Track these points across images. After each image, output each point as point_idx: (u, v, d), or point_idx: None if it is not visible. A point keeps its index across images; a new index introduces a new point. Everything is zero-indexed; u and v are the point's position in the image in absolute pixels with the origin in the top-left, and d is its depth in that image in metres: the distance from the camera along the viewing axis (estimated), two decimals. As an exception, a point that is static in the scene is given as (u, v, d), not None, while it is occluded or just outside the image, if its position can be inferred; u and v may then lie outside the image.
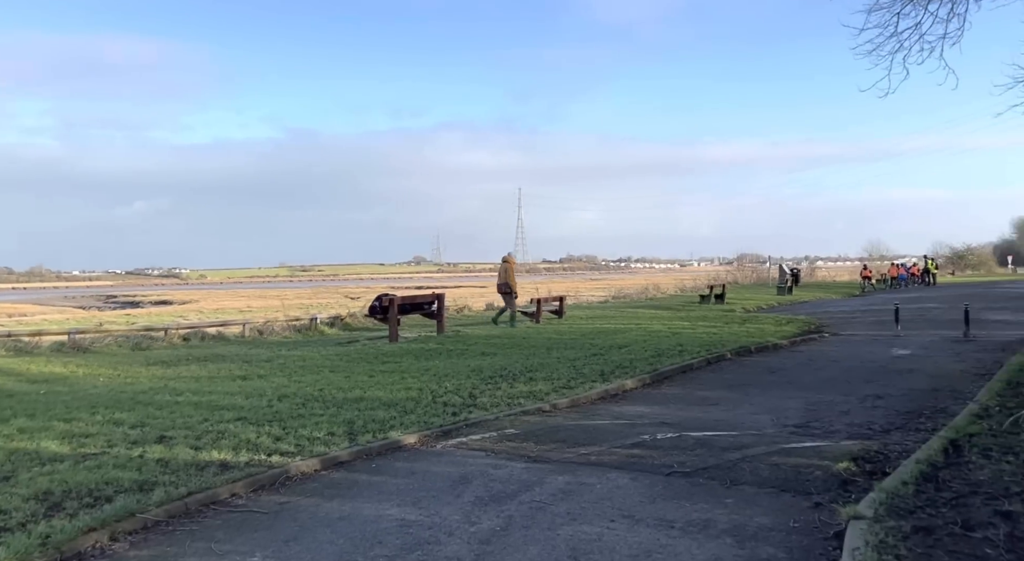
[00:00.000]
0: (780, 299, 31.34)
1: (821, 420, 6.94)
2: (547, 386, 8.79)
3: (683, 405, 7.89)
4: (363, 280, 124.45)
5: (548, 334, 15.19)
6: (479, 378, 9.54)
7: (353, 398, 8.19)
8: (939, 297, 27.62)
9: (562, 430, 6.49)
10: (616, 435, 6.26)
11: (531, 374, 9.74)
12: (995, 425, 6.02)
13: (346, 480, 5.15)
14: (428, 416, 7.11)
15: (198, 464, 5.26)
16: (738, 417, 7.17)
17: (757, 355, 11.83)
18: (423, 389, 8.74)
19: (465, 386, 8.94)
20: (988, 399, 7.07)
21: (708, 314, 20.81)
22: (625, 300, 31.82)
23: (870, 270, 42.27)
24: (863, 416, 7.05)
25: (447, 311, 22.00)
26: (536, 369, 10.16)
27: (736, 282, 44.25)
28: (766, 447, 5.67)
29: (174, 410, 7.49)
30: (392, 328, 13.92)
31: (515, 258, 18.99)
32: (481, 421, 6.90)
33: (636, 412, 7.53)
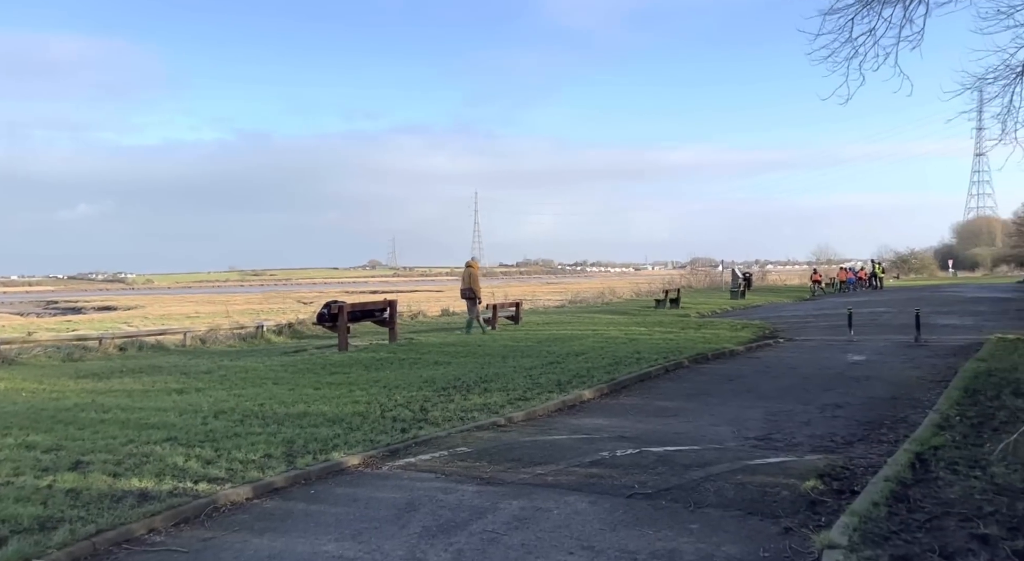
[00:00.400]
0: (733, 303, 31.61)
1: (783, 431, 6.74)
2: (502, 398, 8.44)
3: (642, 416, 7.62)
4: (316, 284, 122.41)
5: (504, 341, 14.85)
6: (431, 390, 9.14)
7: (296, 414, 7.71)
8: (887, 301, 28.16)
9: (517, 447, 6.14)
10: (574, 452, 5.94)
11: (486, 385, 9.38)
12: (958, 436, 5.89)
13: (280, 510, 4.71)
14: (375, 433, 6.69)
15: (114, 495, 4.75)
16: (698, 429, 6.93)
17: (714, 362, 11.68)
18: (372, 403, 8.31)
19: (416, 399, 8.54)
20: (948, 408, 6.97)
21: (664, 319, 20.74)
22: (582, 305, 31.70)
23: (820, 274, 43.04)
24: (824, 427, 6.88)
25: (401, 317, 21.51)
26: (491, 379, 9.80)
27: (690, 286, 44.60)
28: (729, 464, 5.41)
29: (97, 430, 6.91)
30: (341, 336, 13.40)
31: (479, 263, 18.62)
32: (432, 439, 6.51)
33: (594, 425, 7.23)
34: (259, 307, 53.39)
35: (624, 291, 39.37)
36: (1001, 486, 4.54)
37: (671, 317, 22.35)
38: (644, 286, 43.29)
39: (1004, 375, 8.74)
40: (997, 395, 7.58)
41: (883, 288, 43.51)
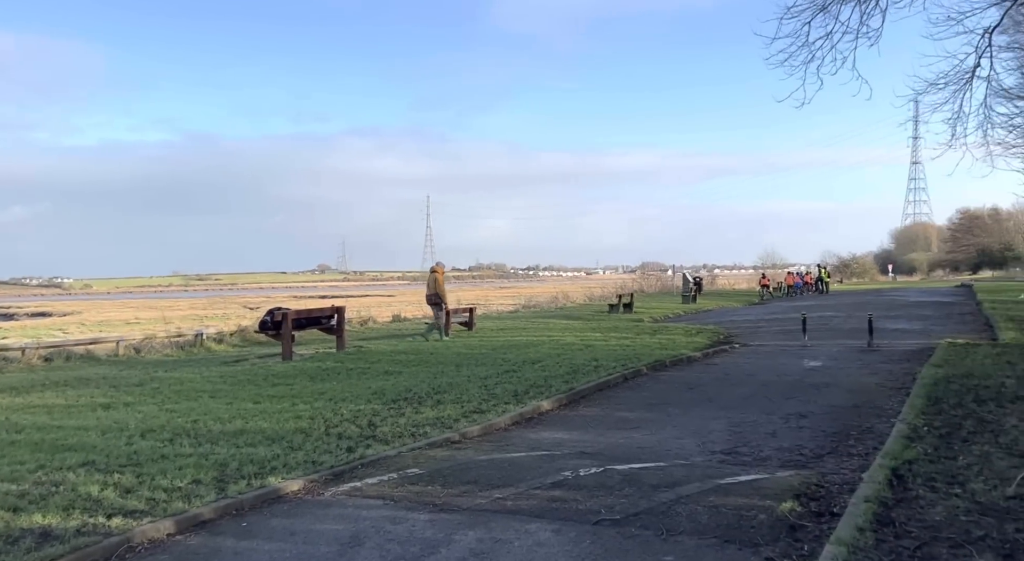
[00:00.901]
0: (685, 308, 31.74)
1: (749, 444, 6.46)
2: (456, 411, 7.99)
3: (603, 429, 7.27)
4: (263, 289, 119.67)
5: (458, 348, 14.38)
6: (381, 402, 8.63)
7: (232, 431, 7.12)
8: (835, 305, 28.60)
9: (473, 467, 5.71)
10: (534, 472, 5.53)
11: (439, 396, 8.92)
12: (929, 449, 5.68)
13: (206, 548, 4.18)
14: (318, 453, 6.17)
15: (10, 535, 4.15)
16: (662, 442, 6.61)
17: (673, 369, 11.44)
18: (316, 418, 7.76)
19: (364, 413, 8.02)
20: (914, 418, 6.80)
21: (619, 324, 20.56)
22: (536, 309, 31.42)
23: (768, 279, 43.71)
24: (791, 438, 6.64)
25: (350, 324, 20.83)
26: (444, 390, 9.34)
27: (642, 291, 44.81)
28: (699, 483, 5.08)
29: (4, 454, 6.22)
30: (285, 345, 12.74)
31: (444, 267, 18.06)
32: (380, 459, 6.02)
33: (554, 439, 6.84)
34: (203, 312, 51.73)
35: (578, 296, 39.28)
36: (985, 505, 4.31)
37: (625, 322, 22.20)
38: (597, 291, 43.31)
39: (962, 381, 8.68)
40: (960, 403, 7.47)
41: (829, 292, 44.46)
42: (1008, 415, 6.84)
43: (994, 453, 5.50)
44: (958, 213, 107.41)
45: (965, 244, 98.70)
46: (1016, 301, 24.68)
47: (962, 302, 27.84)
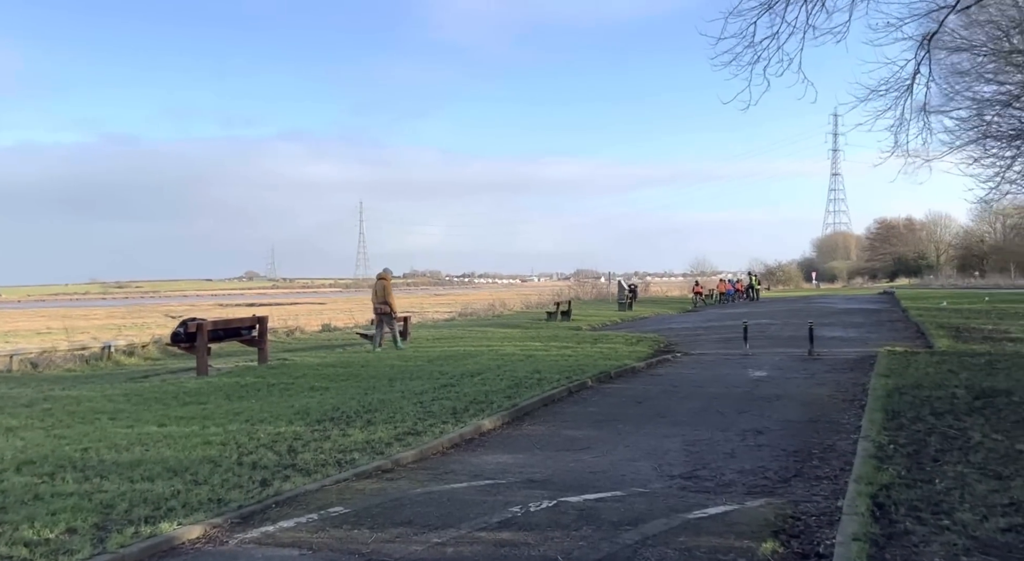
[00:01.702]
0: (622, 315, 31.62)
1: (708, 466, 5.96)
2: (389, 432, 7.24)
3: (551, 451, 6.66)
4: (188, 297, 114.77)
5: (391, 360, 13.56)
6: (304, 423, 7.79)
7: (128, 462, 6.19)
8: (768, 312, 28.92)
9: (408, 504, 4.98)
10: (478, 508, 4.85)
11: (370, 415, 8.14)
12: (902, 471, 5.28)
13: (68, 626, 3.34)
14: (227, 488, 5.34)
15: None
16: (616, 466, 6.04)
17: (618, 381, 10.95)
18: (228, 443, 6.88)
19: (285, 436, 7.18)
20: (877, 435, 6.44)
21: (559, 333, 20.08)
22: (472, 318, 30.71)
23: (701, 286, 44.24)
24: (751, 459, 6.17)
25: (275, 334, 19.68)
26: (376, 408, 8.56)
27: (578, 298, 44.67)
28: (665, 519, 4.50)
29: None
30: (200, 359, 11.67)
31: (391, 274, 17.07)
32: (299, 495, 5.23)
33: (499, 465, 6.18)
34: (122, 322, 48.97)
35: (514, 303, 38.77)
36: (982, 541, 3.87)
37: (565, 330, 21.75)
38: (534, 298, 42.96)
39: (914, 393, 8.46)
40: (918, 416, 7.18)
41: (759, 299, 45.34)
42: (969, 429, 6.55)
43: (969, 474, 5.14)
44: (875, 223, 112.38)
45: (882, 253, 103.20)
46: (939, 308, 25.43)
47: (888, 309, 28.58)
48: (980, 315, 21.77)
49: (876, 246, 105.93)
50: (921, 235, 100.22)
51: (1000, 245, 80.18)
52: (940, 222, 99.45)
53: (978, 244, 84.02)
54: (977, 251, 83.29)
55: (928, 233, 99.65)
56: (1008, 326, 17.87)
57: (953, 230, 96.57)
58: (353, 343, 18.18)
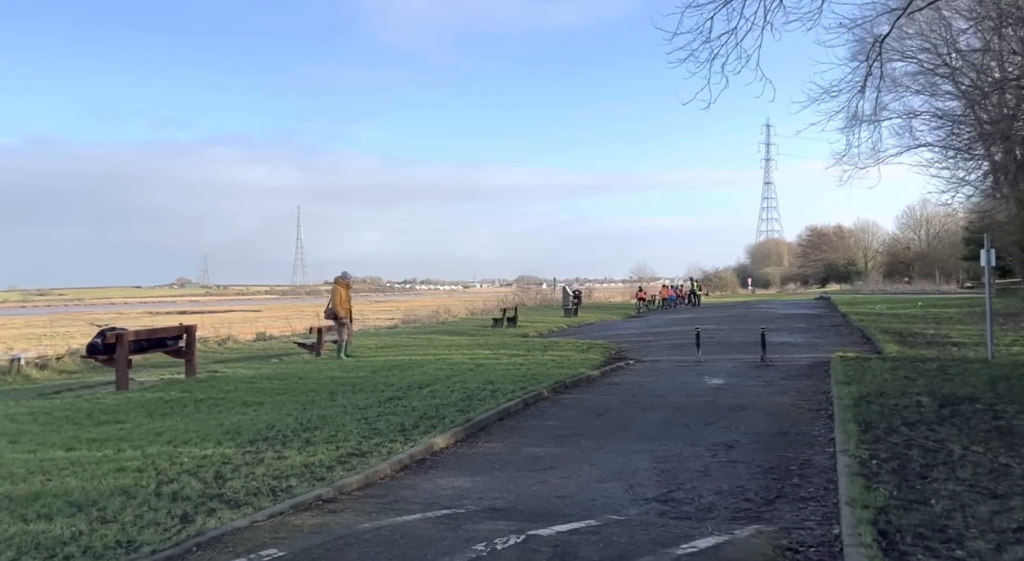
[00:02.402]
0: (568, 321, 31.33)
1: (684, 487, 5.49)
2: (330, 454, 6.53)
3: (512, 472, 6.08)
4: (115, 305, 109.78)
5: (332, 371, 12.76)
6: (234, 444, 7.01)
7: (24, 495, 5.34)
8: (713, 318, 29.04)
9: (355, 543, 4.32)
10: (436, 546, 4.23)
11: (309, 434, 7.40)
12: (893, 490, 4.90)
13: None
14: (140, 526, 4.58)
15: None
16: (585, 488, 5.50)
17: (575, 391, 10.45)
18: (146, 470, 6.08)
19: (212, 460, 6.40)
20: (855, 448, 6.09)
21: (507, 340, 19.54)
22: (416, 325, 29.92)
23: (645, 292, 44.45)
24: (728, 478, 5.72)
25: (205, 344, 18.55)
26: (316, 425, 7.82)
27: (523, 304, 44.29)
28: (652, 557, 3.98)
29: None
30: (120, 372, 10.65)
31: (348, 279, 16.07)
32: (226, 534, 4.51)
33: (456, 490, 5.57)
34: (42, 331, 46.22)
35: (459, 310, 38.09)
36: (1006, 574, 3.47)
37: (512, 337, 21.24)
38: (479, 304, 42.37)
39: (880, 401, 8.21)
40: (891, 427, 6.88)
41: (700, 305, 45.85)
42: (947, 441, 6.27)
43: (964, 494, 4.79)
44: (807, 230, 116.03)
45: (814, 259, 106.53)
46: (877, 313, 25.94)
47: (828, 314, 29.08)
48: (918, 320, 22.22)
49: (808, 253, 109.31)
50: (850, 242, 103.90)
51: (925, 252, 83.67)
52: (868, 229, 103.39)
53: (904, 251, 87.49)
54: (904, 258, 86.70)
55: (857, 240, 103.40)
56: (947, 330, 18.19)
57: (880, 237, 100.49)
58: (291, 353, 17.24)
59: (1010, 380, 9.69)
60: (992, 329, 12.48)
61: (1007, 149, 34.96)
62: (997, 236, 42.58)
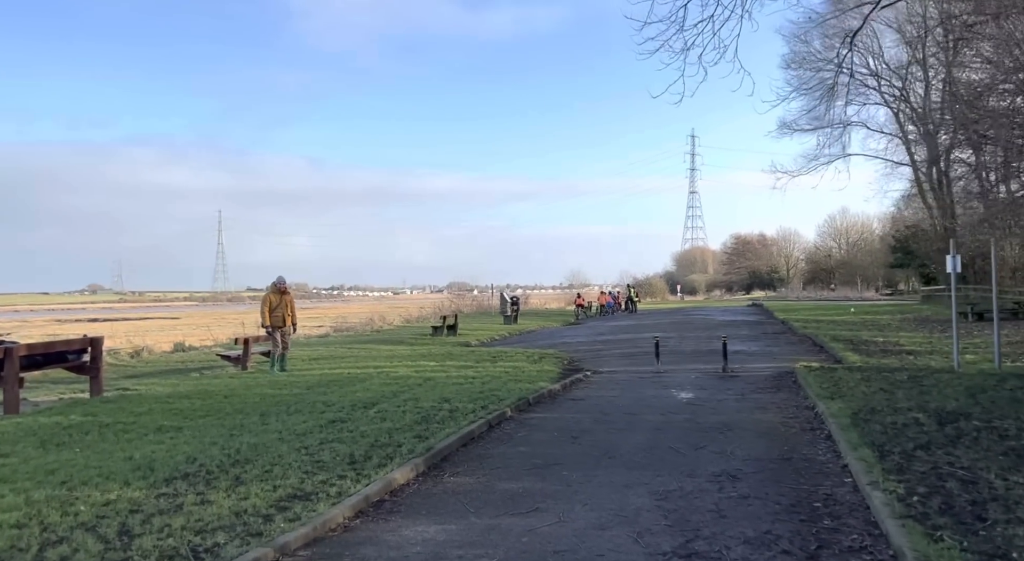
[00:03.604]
0: (509, 329, 30.45)
1: (703, 536, 4.60)
2: (266, 496, 5.37)
3: (491, 516, 5.07)
4: (19, 311, 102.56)
5: (262, 387, 11.43)
6: (146, 485, 5.75)
7: None
8: (655, 325, 28.66)
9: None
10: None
11: (239, 469, 6.19)
12: (962, 541, 4.13)
13: None
14: (7, 623, 3.35)
15: None
16: (585, 540, 4.55)
17: (539, 409, 9.50)
18: (29, 523, 4.79)
19: (117, 507, 5.14)
20: (883, 481, 5.34)
21: (451, 350, 18.44)
22: (349, 334, 28.44)
23: (583, 298, 44.01)
24: (748, 520, 4.87)
25: (115, 356, 16.75)
26: (247, 457, 6.60)
27: (460, 311, 43.20)
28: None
29: None
30: (8, 393, 9.05)
31: (278, 284, 14.32)
32: (128, 630, 3.33)
33: (428, 544, 4.52)
34: (-69, 339, 42.10)
35: (394, 317, 36.66)
36: None
37: (455, 347, 20.16)
38: (414, 312, 41.04)
39: (877, 419, 7.59)
40: (905, 451, 6.21)
41: (638, 311, 45.73)
42: (977, 469, 5.61)
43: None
44: (732, 238, 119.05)
45: (739, 266, 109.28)
46: (817, 320, 26.03)
47: (767, 320, 29.12)
48: (860, 326, 22.29)
49: (733, 260, 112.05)
50: (773, 250, 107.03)
51: (846, 260, 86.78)
52: (790, 238, 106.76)
53: (826, 259, 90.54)
54: (825, 265, 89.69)
55: (779, 248, 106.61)
56: (895, 338, 18.14)
57: (802, 245, 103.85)
58: (213, 366, 15.68)
59: (987, 391, 9.31)
60: (957, 338, 12.23)
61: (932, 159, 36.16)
62: (921, 244, 44.34)
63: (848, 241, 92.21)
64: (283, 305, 14.14)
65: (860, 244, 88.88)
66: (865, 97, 37.56)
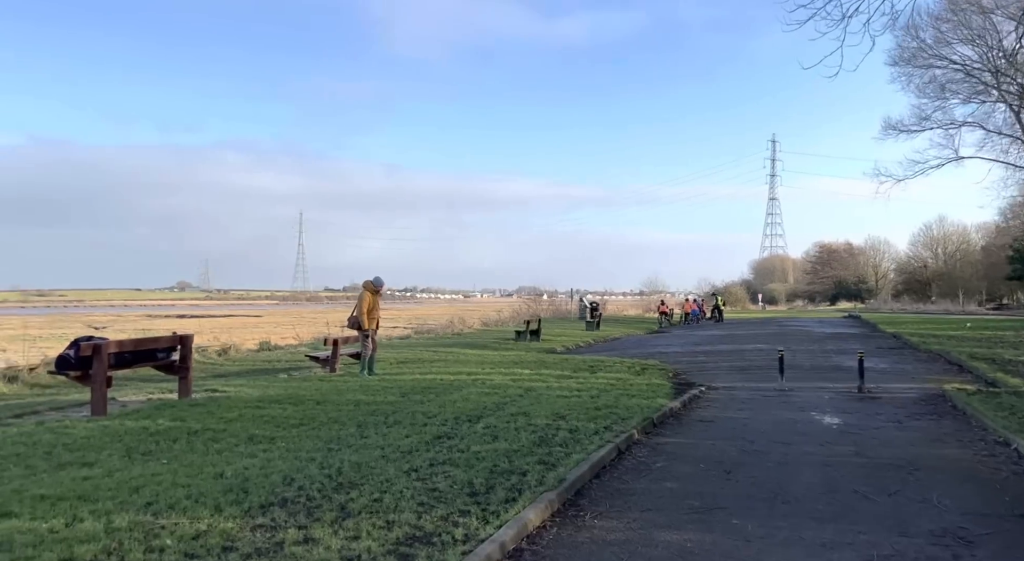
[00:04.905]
0: (592, 335, 29.26)
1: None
2: (380, 536, 4.42)
3: (663, 582, 3.96)
4: (115, 307, 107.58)
5: (353, 392, 10.65)
6: (240, 511, 4.90)
7: None
8: (753, 336, 26.90)
9: None
10: None
11: (343, 496, 5.28)
12: None
13: None
14: None
15: None
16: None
17: (668, 432, 8.32)
18: (107, 556, 3.98)
19: (207, 542, 4.30)
20: None
21: (543, 358, 17.39)
22: (430, 335, 27.82)
23: (667, 306, 42.29)
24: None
25: (204, 353, 16.42)
26: (350, 480, 5.71)
27: (535, 316, 42.24)
28: None
29: None
30: (96, 394, 8.50)
31: (376, 284, 13.47)
32: None
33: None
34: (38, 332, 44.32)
35: (472, 320, 35.95)
36: None
37: (543, 354, 19.12)
38: (491, 315, 40.29)
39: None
40: None
41: (724, 321, 43.61)
42: None
43: None
44: (815, 246, 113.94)
45: (823, 276, 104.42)
46: (935, 335, 23.79)
47: (875, 334, 26.93)
48: (991, 343, 20.05)
49: (817, 269, 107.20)
50: (860, 260, 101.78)
51: (943, 271, 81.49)
52: (880, 247, 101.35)
53: (921, 269, 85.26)
54: (920, 276, 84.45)
55: (866, 258, 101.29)
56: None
57: (892, 255, 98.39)
58: (300, 366, 15.13)
59: None
60: None
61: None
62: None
63: (945, 251, 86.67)
64: (377, 306, 13.42)
65: (958, 255, 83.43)
66: (985, 94, 34.62)
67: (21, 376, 12.36)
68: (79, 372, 8.69)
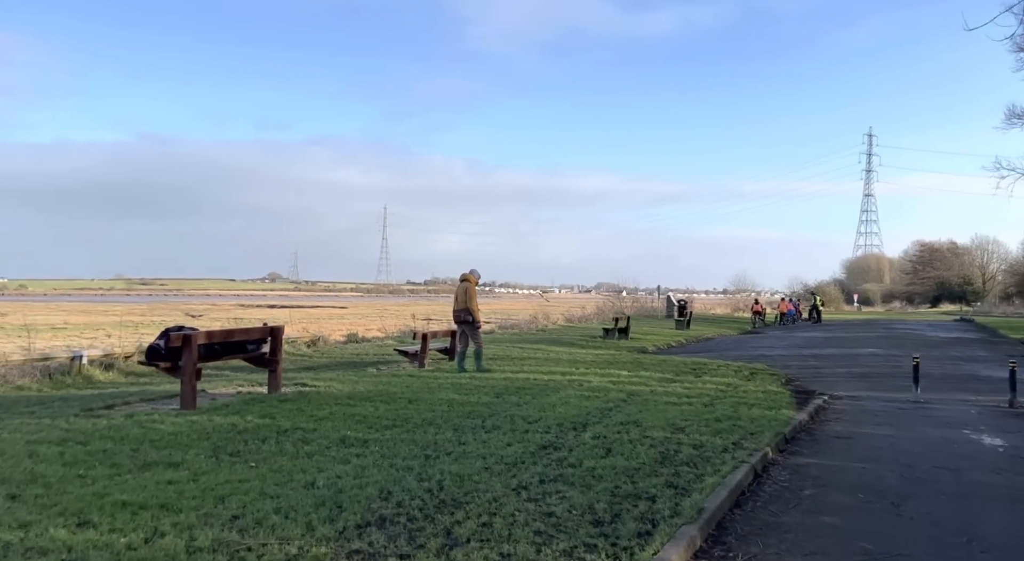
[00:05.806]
0: (684, 335, 27.99)
1: None
2: (498, 577, 3.70)
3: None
4: (210, 296, 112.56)
5: (445, 390, 10.06)
6: (334, 532, 4.29)
7: None
8: (860, 339, 25.03)
9: None
10: None
11: (447, 517, 4.60)
12: None
13: None
14: None
15: None
16: None
17: (803, 451, 7.28)
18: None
19: (298, 579, 3.67)
20: None
21: (638, 358, 16.43)
22: (514, 331, 27.18)
23: (761, 305, 40.32)
24: None
25: (294, 345, 16.27)
26: (454, 497, 5.02)
27: (622, 313, 41.05)
28: None
29: None
30: (186, 386, 8.18)
31: (478, 277, 13.03)
32: None
33: None
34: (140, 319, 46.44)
35: (556, 316, 35.13)
36: None
37: (636, 354, 18.16)
38: (575, 311, 39.36)
39: None
40: None
41: (822, 322, 41.22)
42: None
43: None
44: (916, 245, 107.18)
45: (924, 276, 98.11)
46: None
47: (997, 339, 24.59)
48: None
49: (917, 269, 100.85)
50: (965, 260, 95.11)
51: (1067, 273, 75.08)
52: (987, 247, 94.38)
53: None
54: (1040, 279, 78.05)
55: (972, 258, 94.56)
56: None
57: (1001, 255, 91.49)
58: (388, 361, 14.73)
59: None
60: None
61: None
62: None
63: (1069, 252, 79.87)
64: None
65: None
66: None
67: (117, 364, 12.40)
68: (168, 363, 8.41)
